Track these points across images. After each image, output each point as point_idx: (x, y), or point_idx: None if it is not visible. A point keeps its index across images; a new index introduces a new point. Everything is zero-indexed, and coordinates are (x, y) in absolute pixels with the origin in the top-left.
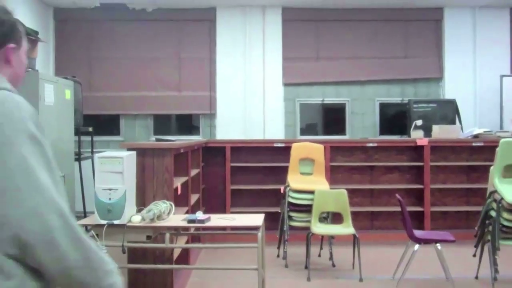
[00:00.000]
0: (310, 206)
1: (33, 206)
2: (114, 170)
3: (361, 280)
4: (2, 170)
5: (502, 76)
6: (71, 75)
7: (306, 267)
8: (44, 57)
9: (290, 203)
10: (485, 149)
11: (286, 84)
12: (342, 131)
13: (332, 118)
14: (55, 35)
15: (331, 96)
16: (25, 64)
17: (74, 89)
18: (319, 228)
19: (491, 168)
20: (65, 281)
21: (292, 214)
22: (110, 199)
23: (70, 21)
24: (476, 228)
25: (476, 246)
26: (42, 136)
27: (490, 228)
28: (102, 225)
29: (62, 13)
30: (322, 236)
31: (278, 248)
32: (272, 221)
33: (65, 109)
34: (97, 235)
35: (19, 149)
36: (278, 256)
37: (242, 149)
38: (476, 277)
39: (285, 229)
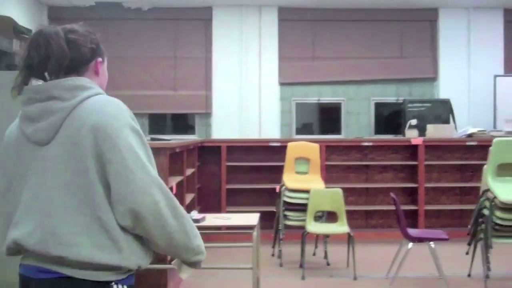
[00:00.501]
0: (305, 205)
1: (143, 185)
2: None
3: (355, 278)
4: (117, 157)
5: (495, 76)
6: None
7: (300, 266)
8: None
9: (285, 202)
10: (478, 148)
11: (282, 84)
12: (337, 130)
13: (327, 118)
14: None
15: (327, 96)
16: (107, 77)
17: None
18: (314, 227)
19: (484, 167)
20: (166, 243)
21: (287, 213)
22: None
23: (65, 20)
24: (469, 226)
25: (469, 244)
26: (139, 128)
27: (483, 226)
28: None
29: (57, 12)
30: (317, 235)
31: (273, 247)
32: (268, 220)
33: None
34: None
35: (127, 139)
36: (273, 255)
37: (238, 149)
38: (469, 275)
39: (280, 228)
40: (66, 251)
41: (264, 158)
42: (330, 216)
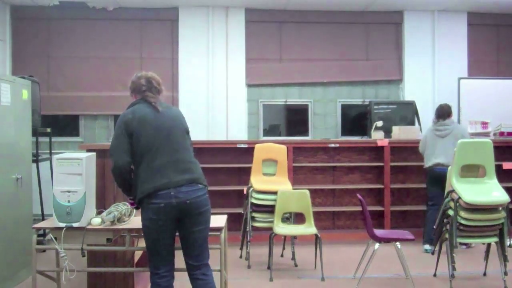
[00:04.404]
0: (273, 206)
1: None
2: (73, 172)
3: (323, 279)
4: None
5: (459, 79)
6: (28, 74)
7: (268, 268)
8: (0, 56)
9: (253, 204)
10: None
11: (249, 85)
12: (304, 132)
13: (294, 119)
14: (12, 33)
15: (294, 97)
16: None
17: (32, 89)
18: (282, 229)
19: (449, 168)
20: None
21: (255, 215)
22: (69, 201)
23: (28, 19)
24: (434, 226)
25: (434, 245)
26: None
27: (448, 226)
28: (61, 228)
29: (19, 11)
30: (285, 237)
31: (241, 249)
32: (235, 222)
33: (22, 109)
34: (55, 238)
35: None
36: (240, 257)
37: (205, 150)
38: (435, 275)
39: (248, 230)
40: None
41: (231, 160)
42: (298, 218)
